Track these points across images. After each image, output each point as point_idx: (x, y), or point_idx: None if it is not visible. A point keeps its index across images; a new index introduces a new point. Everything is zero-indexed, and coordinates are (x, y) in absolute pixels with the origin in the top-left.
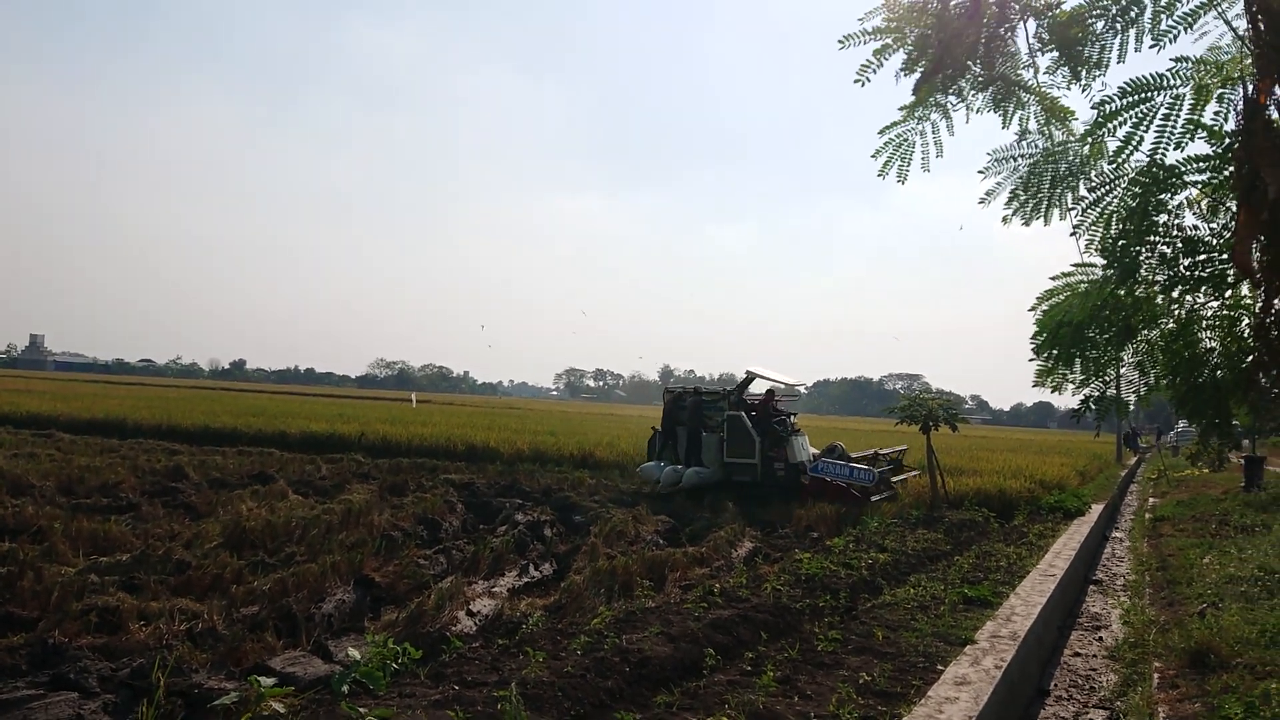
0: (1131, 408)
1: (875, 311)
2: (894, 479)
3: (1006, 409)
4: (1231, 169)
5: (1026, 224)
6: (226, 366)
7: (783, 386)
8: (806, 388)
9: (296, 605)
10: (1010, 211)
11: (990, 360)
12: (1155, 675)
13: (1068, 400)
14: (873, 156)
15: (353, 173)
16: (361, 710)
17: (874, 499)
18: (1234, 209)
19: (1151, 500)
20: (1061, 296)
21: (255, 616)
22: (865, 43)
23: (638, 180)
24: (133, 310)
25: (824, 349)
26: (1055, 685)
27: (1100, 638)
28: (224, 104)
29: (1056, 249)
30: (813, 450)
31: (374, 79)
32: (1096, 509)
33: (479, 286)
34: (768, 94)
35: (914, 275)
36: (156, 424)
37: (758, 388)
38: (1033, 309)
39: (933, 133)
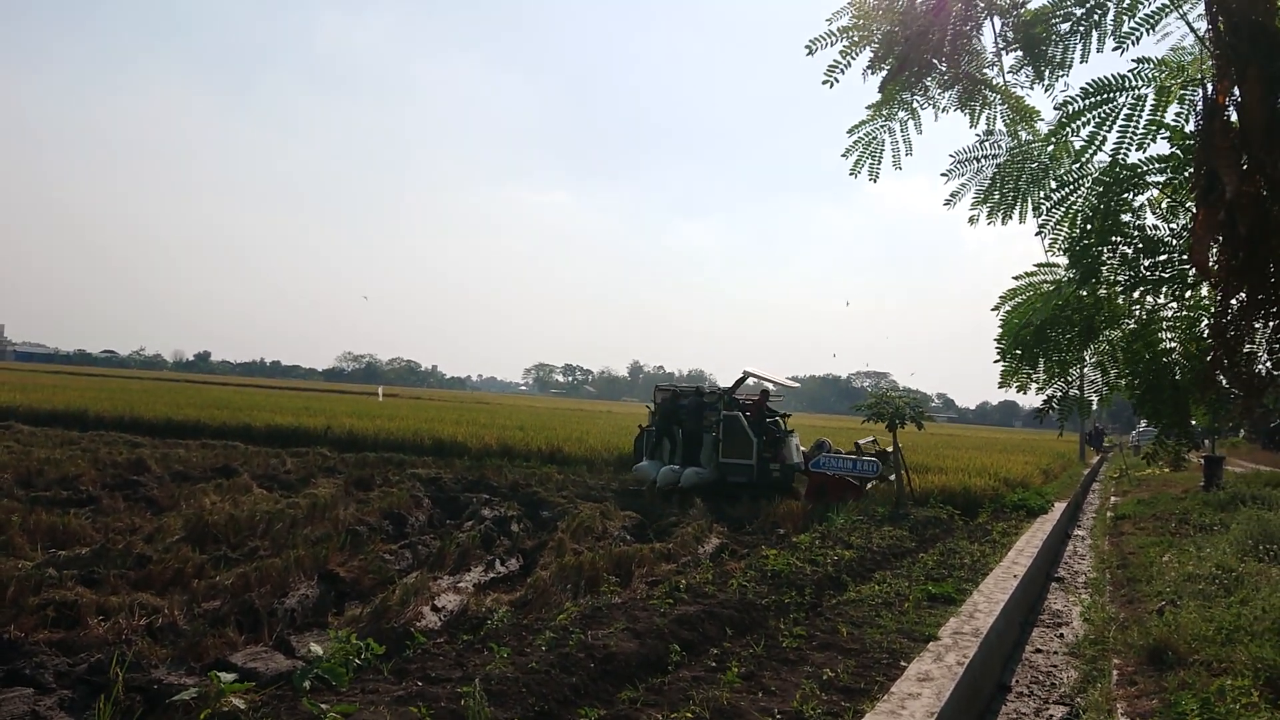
0: (1094, 407)
1: (841, 309)
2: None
3: (972, 407)
4: (1191, 169)
5: (993, 224)
6: (191, 359)
7: (775, 387)
8: (800, 385)
9: (259, 600)
10: (976, 213)
11: (957, 359)
12: (1114, 672)
13: (1032, 400)
14: (843, 155)
15: (317, 162)
16: (323, 706)
17: (868, 487)
18: (1194, 209)
19: (1113, 499)
20: (1024, 297)
21: (217, 611)
22: (833, 43)
23: (604, 174)
24: (95, 301)
25: (791, 346)
26: (1017, 681)
27: (1061, 634)
28: (181, 89)
29: (1024, 248)
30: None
31: (336, 67)
32: (1059, 507)
33: (446, 279)
34: (736, 88)
35: (880, 274)
36: (118, 416)
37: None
38: (996, 309)
39: (901, 131)
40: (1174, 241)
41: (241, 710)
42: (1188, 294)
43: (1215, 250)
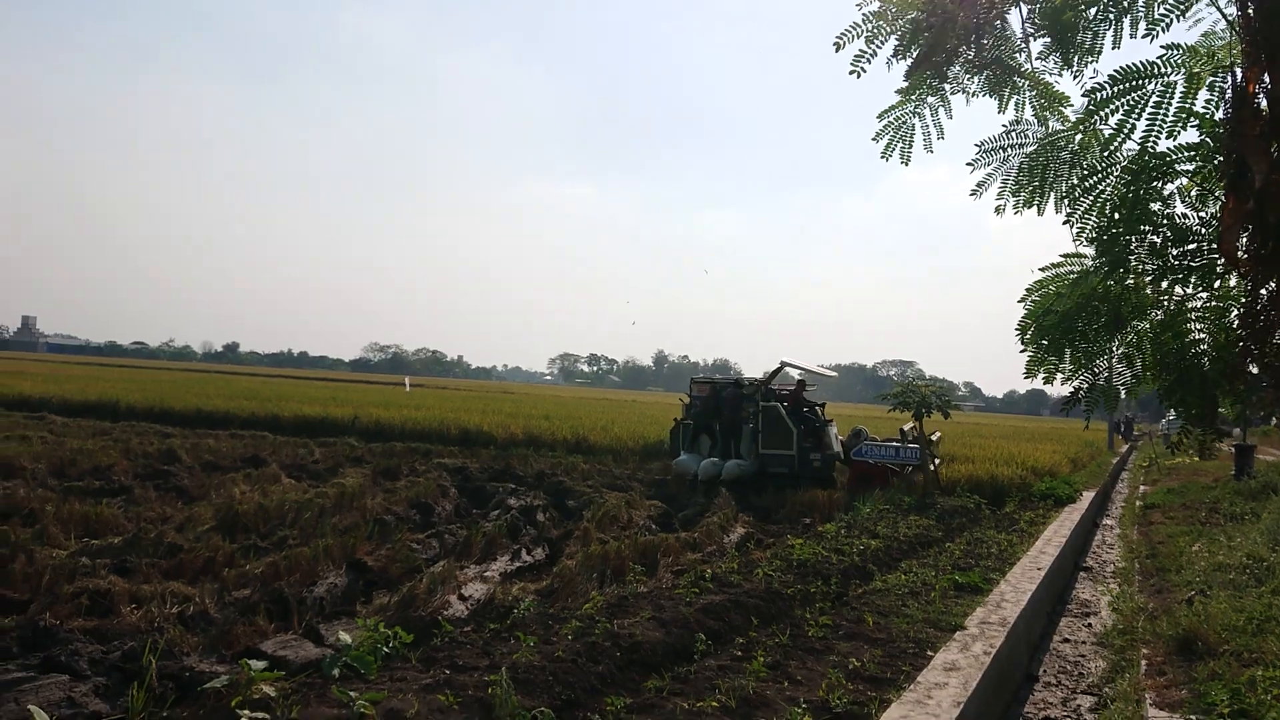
0: (1122, 398)
1: (868, 298)
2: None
3: (1000, 396)
4: (1221, 157)
5: (1019, 213)
6: (220, 349)
7: (811, 376)
8: (836, 375)
9: (288, 589)
10: (1003, 202)
11: (984, 348)
12: (1143, 662)
13: (1059, 390)
14: (873, 139)
15: (342, 154)
16: (353, 694)
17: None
18: (1222, 198)
19: (1142, 488)
20: (1051, 288)
21: (247, 600)
22: (859, 35)
23: (628, 165)
24: (125, 293)
25: (818, 335)
26: (1044, 671)
27: (1089, 624)
28: (207, 82)
29: (1050, 237)
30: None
31: (360, 60)
32: (1088, 496)
33: (471, 270)
34: (759, 78)
35: (908, 264)
36: (149, 406)
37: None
38: (1022, 300)
39: (931, 116)
40: (1203, 230)
41: (272, 697)
42: (1216, 284)
43: (1244, 239)
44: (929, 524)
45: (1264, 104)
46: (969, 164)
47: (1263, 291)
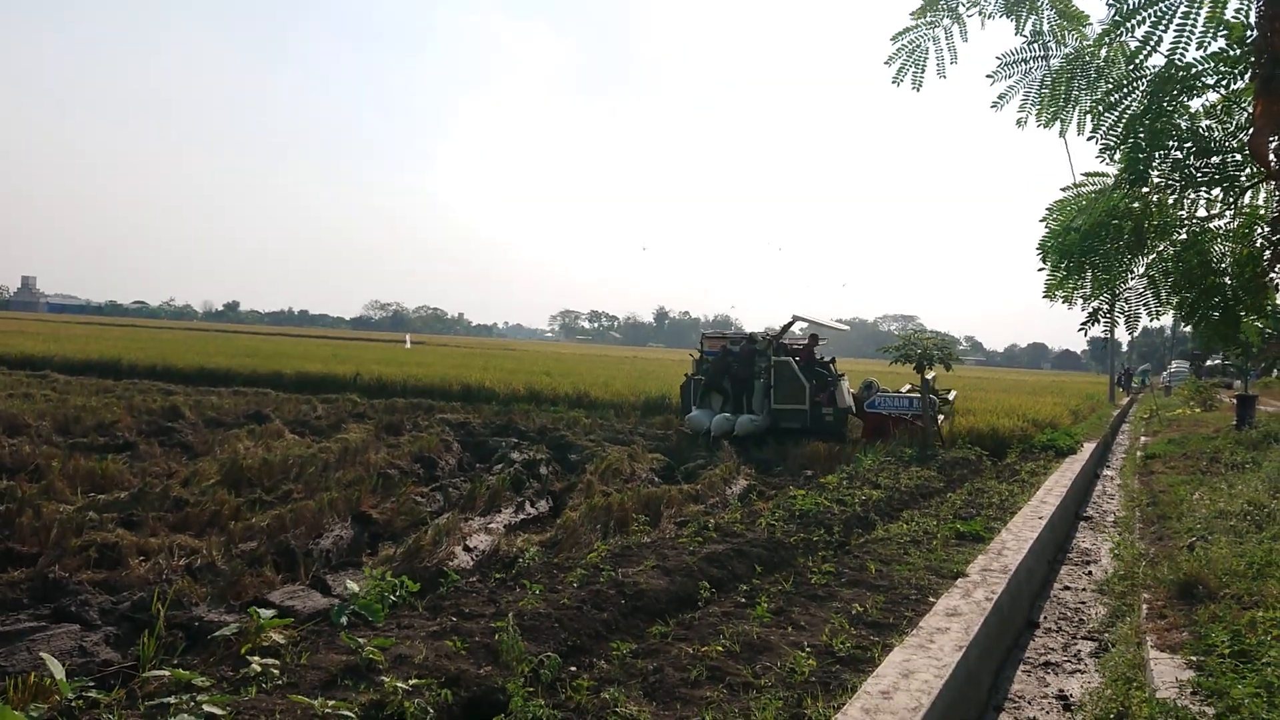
0: (1145, 321)
1: (872, 252)
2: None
3: (1001, 350)
4: (1250, 64)
5: (1042, 127)
6: (220, 308)
7: (827, 330)
8: (849, 328)
9: (294, 541)
10: (1025, 115)
11: (985, 302)
12: (1144, 606)
13: (1061, 339)
14: (885, 63)
15: (344, 112)
16: (361, 640)
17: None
18: (1249, 109)
19: (1143, 439)
20: (1073, 205)
21: (254, 552)
22: None
23: (632, 122)
24: (125, 253)
25: (821, 289)
26: (1045, 618)
27: (1090, 572)
28: (207, 40)
29: (1055, 192)
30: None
31: (362, 17)
32: (1088, 447)
33: (471, 228)
34: (766, 31)
35: (911, 216)
36: (151, 365)
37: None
38: (1043, 219)
39: (946, 39)
40: (1228, 142)
41: (281, 645)
42: (1242, 200)
43: (1275, 141)
44: (930, 475)
45: None
46: (989, 75)
47: None
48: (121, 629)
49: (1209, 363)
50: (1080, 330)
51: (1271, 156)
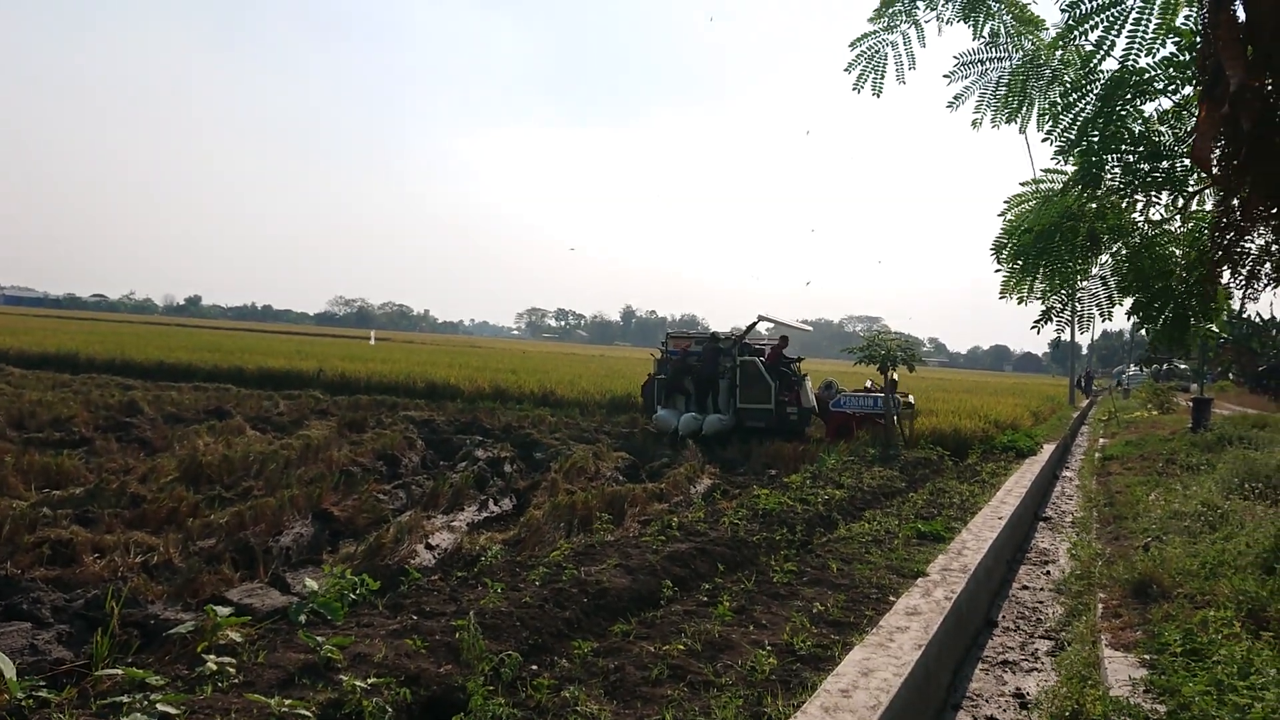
0: (1100, 322)
1: (837, 253)
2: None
3: (964, 352)
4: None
5: (996, 127)
6: (181, 303)
7: (787, 330)
8: (812, 329)
9: (254, 539)
10: (980, 116)
11: (949, 305)
12: (1099, 606)
13: (1023, 342)
14: (845, 70)
15: (309, 103)
16: (319, 639)
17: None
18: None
19: (1101, 441)
20: (1030, 203)
21: (212, 550)
22: None
23: (596, 116)
24: (84, 245)
25: (785, 291)
26: (1003, 616)
27: (1048, 572)
28: (169, 27)
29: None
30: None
31: (328, 5)
32: (1048, 449)
33: (438, 222)
34: (731, 31)
35: (876, 220)
36: (110, 359)
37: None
38: (1001, 214)
39: (904, 44)
40: (1177, 147)
41: (239, 643)
42: (1191, 205)
43: (1218, 147)
44: (893, 475)
45: (1240, 10)
46: (946, 76)
47: (1234, 201)
48: (74, 627)
49: (1167, 366)
50: (1033, 328)
51: (1214, 162)
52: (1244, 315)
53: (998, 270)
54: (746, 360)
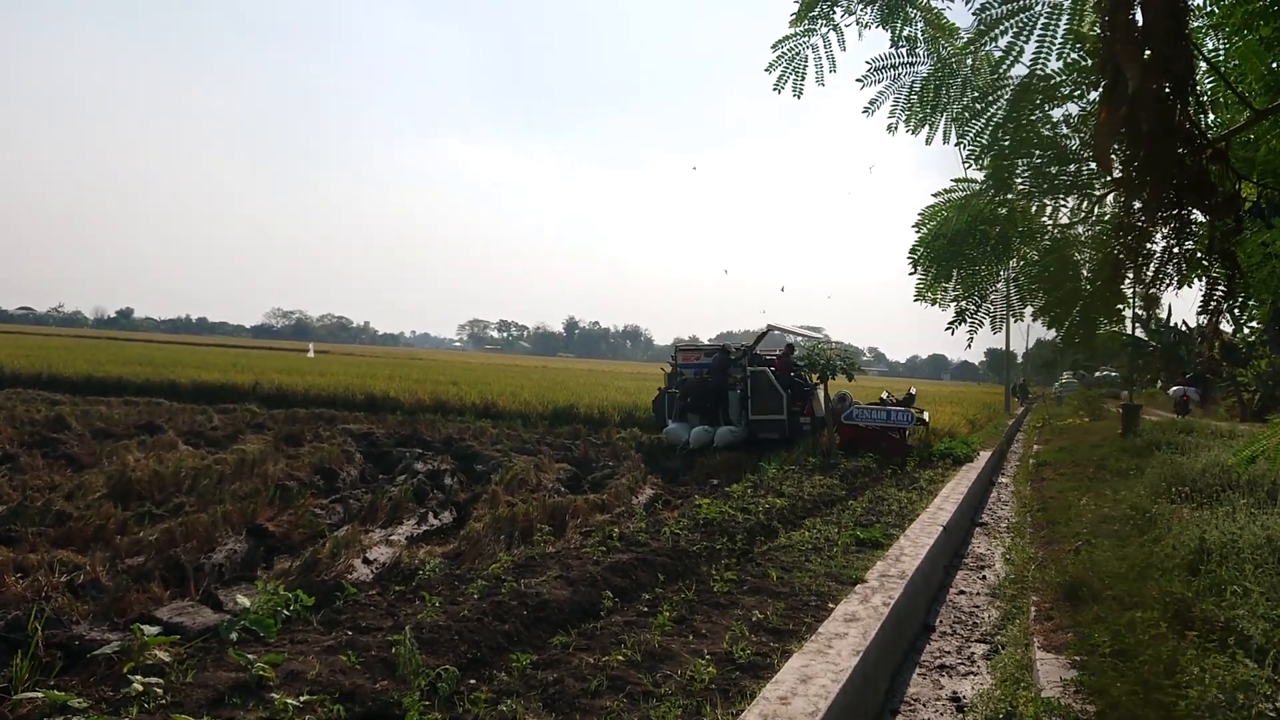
0: (1014, 320)
1: (776, 266)
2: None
3: (903, 361)
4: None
5: (911, 133)
6: (113, 315)
7: (800, 338)
8: (825, 334)
9: (185, 556)
10: (895, 121)
11: (888, 316)
12: (1032, 608)
13: (961, 351)
14: (766, 70)
15: (243, 110)
16: (250, 657)
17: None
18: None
19: (1036, 447)
20: (944, 212)
21: (141, 568)
22: None
23: (538, 127)
24: (9, 257)
25: (726, 301)
26: (940, 621)
27: (984, 577)
28: (94, 28)
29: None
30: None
31: (260, 8)
32: (984, 456)
33: (377, 233)
34: (668, 43)
35: (813, 232)
36: (36, 373)
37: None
38: (916, 225)
39: (824, 47)
40: (1084, 151)
41: (166, 663)
42: (1097, 208)
43: (1119, 150)
44: (833, 483)
45: (1138, 13)
46: (860, 80)
47: (1135, 203)
48: None
49: (1099, 374)
50: (947, 329)
51: (1116, 164)
52: (1171, 323)
53: (912, 274)
54: (757, 371)
